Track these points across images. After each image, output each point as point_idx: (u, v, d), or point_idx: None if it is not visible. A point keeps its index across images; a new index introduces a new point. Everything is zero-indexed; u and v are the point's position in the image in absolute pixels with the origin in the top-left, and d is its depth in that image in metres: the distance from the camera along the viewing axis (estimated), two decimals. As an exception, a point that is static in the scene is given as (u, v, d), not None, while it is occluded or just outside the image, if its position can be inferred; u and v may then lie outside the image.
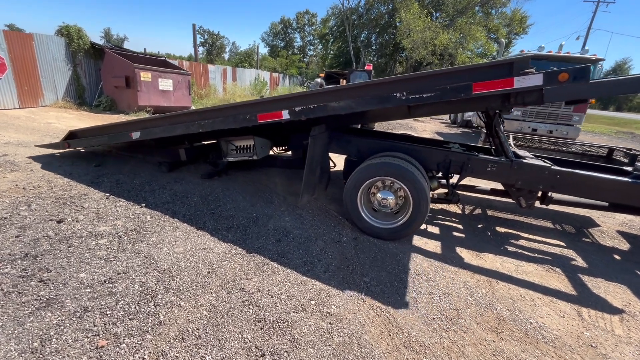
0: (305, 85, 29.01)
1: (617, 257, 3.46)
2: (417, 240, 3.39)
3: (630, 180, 3.14)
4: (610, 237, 3.94)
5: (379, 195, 3.29)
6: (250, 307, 2.17)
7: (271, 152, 4.86)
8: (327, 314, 2.17)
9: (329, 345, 1.92)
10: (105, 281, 2.25)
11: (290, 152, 5.22)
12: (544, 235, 3.83)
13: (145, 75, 9.25)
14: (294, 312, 2.16)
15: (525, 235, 3.80)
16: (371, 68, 10.89)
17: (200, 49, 67.47)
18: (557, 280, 2.89)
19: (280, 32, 60.15)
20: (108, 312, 1.98)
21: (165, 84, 9.85)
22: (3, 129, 6.44)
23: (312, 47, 58.91)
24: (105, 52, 9.54)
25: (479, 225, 3.97)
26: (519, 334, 2.18)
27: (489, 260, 3.13)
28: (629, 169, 3.87)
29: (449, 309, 2.36)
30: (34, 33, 8.71)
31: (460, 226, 3.89)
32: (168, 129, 4.01)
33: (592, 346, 2.14)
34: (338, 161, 4.71)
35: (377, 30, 31.20)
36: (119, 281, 2.27)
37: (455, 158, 3.47)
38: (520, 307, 2.46)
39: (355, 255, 2.95)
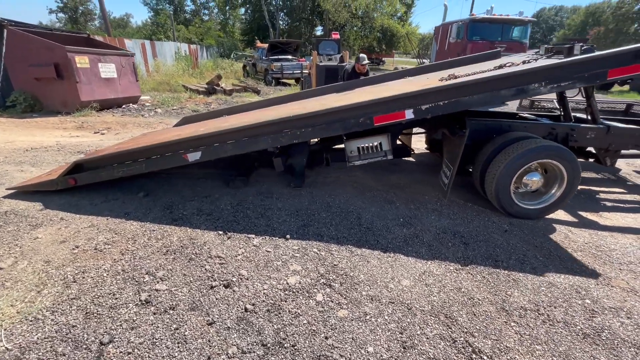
0: (234, 57, 24.78)
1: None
2: (546, 213, 3.59)
3: None
4: (640, 177, 4.83)
5: (525, 178, 3.33)
6: (555, 324, 2.05)
7: None
8: (612, 310, 2.20)
9: (662, 340, 1.97)
10: (404, 347, 1.83)
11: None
12: (607, 185, 4.47)
13: (81, 61, 6.97)
14: (591, 316, 2.12)
15: (597, 188, 4.37)
16: (338, 36, 10.44)
17: (60, 15, 54.12)
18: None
19: (167, -8, 51.58)
20: (468, 385, 1.64)
21: (108, 69, 7.60)
22: None
23: (206, 12, 52.54)
24: (9, 30, 6.69)
25: (558, 187, 4.40)
26: None
27: (615, 219, 3.54)
28: None
29: (663, 274, 2.63)
30: None
31: (549, 191, 4.24)
32: (243, 144, 3.26)
33: None
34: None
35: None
36: (416, 342, 1.87)
37: (560, 130, 3.68)
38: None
39: (537, 241, 2.99)
